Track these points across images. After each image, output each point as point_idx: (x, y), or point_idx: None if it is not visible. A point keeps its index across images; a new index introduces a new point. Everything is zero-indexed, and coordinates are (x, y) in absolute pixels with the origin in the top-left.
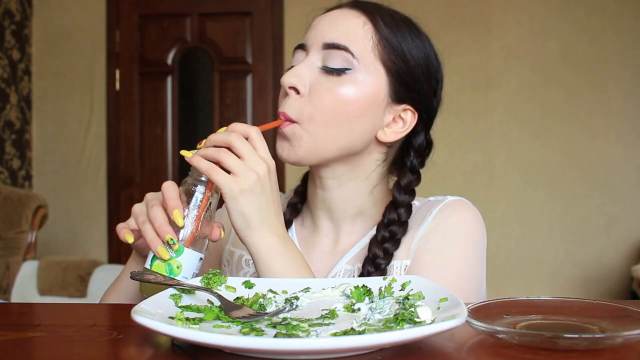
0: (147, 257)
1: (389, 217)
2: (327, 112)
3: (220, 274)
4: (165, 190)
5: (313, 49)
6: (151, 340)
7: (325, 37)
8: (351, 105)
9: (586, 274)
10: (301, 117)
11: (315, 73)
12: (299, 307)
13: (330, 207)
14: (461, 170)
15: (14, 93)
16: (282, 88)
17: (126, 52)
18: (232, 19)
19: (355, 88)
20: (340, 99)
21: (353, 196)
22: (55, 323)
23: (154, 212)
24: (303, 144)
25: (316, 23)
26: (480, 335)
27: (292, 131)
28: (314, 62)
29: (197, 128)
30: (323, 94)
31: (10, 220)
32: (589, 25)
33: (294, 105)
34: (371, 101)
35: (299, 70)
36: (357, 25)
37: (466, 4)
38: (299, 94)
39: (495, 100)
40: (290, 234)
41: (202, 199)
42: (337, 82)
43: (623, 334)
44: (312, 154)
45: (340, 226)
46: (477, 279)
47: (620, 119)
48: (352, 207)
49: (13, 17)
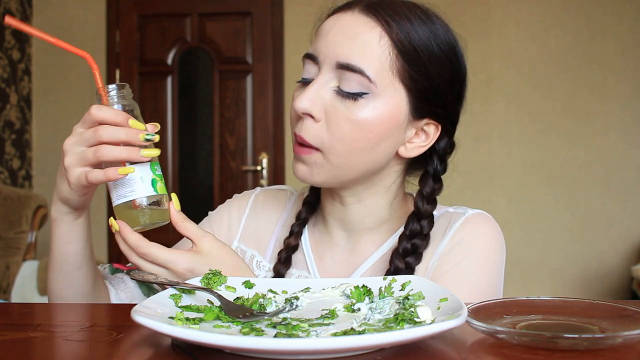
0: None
1: (411, 228)
2: (347, 141)
3: (220, 274)
4: (101, 112)
5: (325, 66)
6: (151, 340)
7: (340, 56)
8: (371, 132)
9: (586, 274)
10: (322, 146)
11: (330, 95)
12: (299, 307)
13: (347, 220)
14: (461, 170)
15: (14, 93)
16: (294, 111)
17: (126, 52)
18: (232, 19)
19: (374, 113)
20: (359, 127)
21: (372, 210)
22: (55, 323)
23: (108, 131)
24: (323, 171)
25: (327, 30)
26: (480, 335)
27: (314, 160)
28: (327, 82)
29: (197, 128)
30: (341, 122)
31: (10, 220)
32: (589, 25)
33: (312, 130)
34: (391, 124)
35: (311, 94)
36: (373, 40)
37: (466, 4)
38: (313, 119)
39: (495, 101)
40: (303, 238)
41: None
42: (354, 108)
43: (623, 334)
44: (332, 180)
45: (355, 237)
46: (496, 296)
47: (620, 118)
48: (370, 221)
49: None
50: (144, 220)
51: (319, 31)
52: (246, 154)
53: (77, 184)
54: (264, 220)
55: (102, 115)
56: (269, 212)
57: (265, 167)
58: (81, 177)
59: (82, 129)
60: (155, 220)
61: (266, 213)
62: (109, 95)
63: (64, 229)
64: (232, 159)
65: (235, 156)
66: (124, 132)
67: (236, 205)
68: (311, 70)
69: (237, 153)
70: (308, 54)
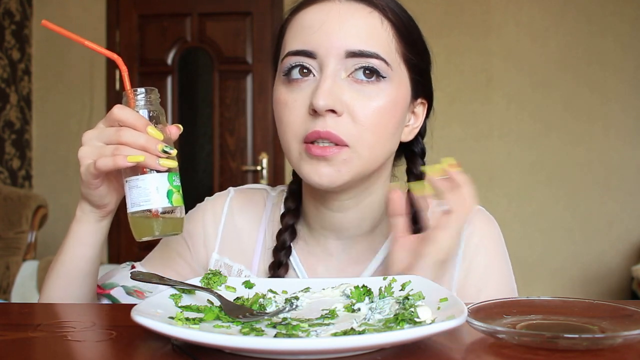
0: (133, 198)
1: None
2: (376, 130)
3: (220, 274)
4: (123, 113)
5: (331, 58)
6: (151, 340)
7: (349, 44)
8: (394, 116)
9: (586, 274)
10: (351, 140)
11: (345, 87)
12: (299, 307)
13: (342, 227)
14: (461, 170)
15: (14, 93)
16: (308, 108)
17: (126, 52)
18: (232, 19)
19: (392, 96)
20: (384, 112)
21: (369, 212)
22: (55, 323)
23: (130, 133)
24: (352, 168)
25: (318, 23)
26: (480, 335)
27: (342, 158)
28: (336, 73)
29: (197, 128)
30: (366, 111)
31: (10, 220)
32: (589, 27)
33: (340, 125)
34: (404, 106)
35: (329, 87)
36: (376, 24)
37: (466, 4)
38: (336, 114)
39: (495, 100)
40: (293, 260)
41: (149, 109)
42: (374, 95)
43: (623, 334)
44: (356, 178)
45: (350, 244)
46: (514, 285)
47: (620, 119)
48: (367, 224)
49: (13, 17)
50: (157, 231)
51: (301, 25)
52: (246, 154)
53: (86, 173)
54: (244, 227)
55: (123, 116)
56: (248, 217)
57: (265, 167)
58: (90, 166)
59: (103, 125)
60: (168, 231)
61: (245, 219)
62: (136, 98)
63: (84, 229)
64: (232, 159)
65: (235, 156)
66: (145, 138)
67: (210, 213)
68: (306, 64)
69: (237, 153)
70: (300, 50)
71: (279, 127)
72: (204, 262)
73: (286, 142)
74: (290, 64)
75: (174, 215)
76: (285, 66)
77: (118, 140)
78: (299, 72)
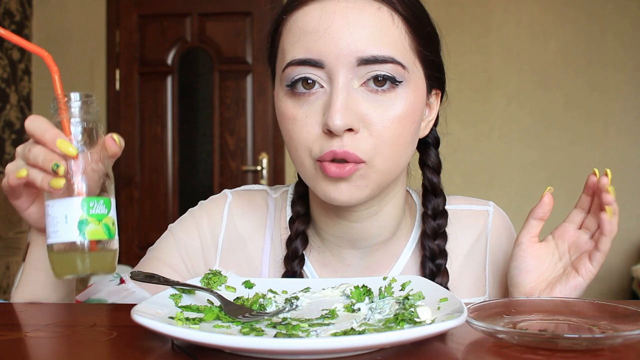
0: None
1: (429, 246)
2: (395, 141)
3: (220, 274)
4: (30, 125)
5: (340, 67)
6: (151, 340)
7: (360, 50)
8: (413, 122)
9: None
10: (368, 156)
11: (359, 98)
12: (299, 307)
13: (361, 237)
14: (461, 170)
15: (14, 93)
16: (322, 125)
17: (126, 52)
18: (232, 19)
19: (410, 101)
20: (403, 121)
21: (389, 219)
22: (55, 323)
23: (34, 149)
24: (370, 183)
25: (323, 27)
26: (480, 335)
27: (359, 174)
28: (349, 84)
29: (197, 128)
30: (385, 123)
31: (10, 220)
32: (589, 26)
33: (359, 144)
34: (422, 107)
35: (344, 103)
36: (387, 21)
37: (466, 4)
38: (353, 131)
39: (495, 100)
40: (308, 270)
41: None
42: (391, 103)
43: (623, 334)
44: (375, 191)
45: (369, 253)
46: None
47: (620, 119)
48: (387, 232)
49: (13, 17)
50: (79, 269)
51: (303, 28)
52: (246, 154)
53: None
54: (247, 234)
55: (29, 128)
56: (251, 223)
57: (265, 167)
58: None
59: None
60: (96, 270)
61: (248, 225)
62: (68, 105)
63: (35, 253)
64: (232, 159)
65: (235, 156)
66: (43, 155)
67: (206, 221)
68: (313, 77)
69: (237, 153)
70: (304, 60)
71: (288, 142)
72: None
73: (299, 158)
74: (294, 76)
75: (100, 251)
76: (288, 77)
77: (24, 155)
78: (304, 86)
